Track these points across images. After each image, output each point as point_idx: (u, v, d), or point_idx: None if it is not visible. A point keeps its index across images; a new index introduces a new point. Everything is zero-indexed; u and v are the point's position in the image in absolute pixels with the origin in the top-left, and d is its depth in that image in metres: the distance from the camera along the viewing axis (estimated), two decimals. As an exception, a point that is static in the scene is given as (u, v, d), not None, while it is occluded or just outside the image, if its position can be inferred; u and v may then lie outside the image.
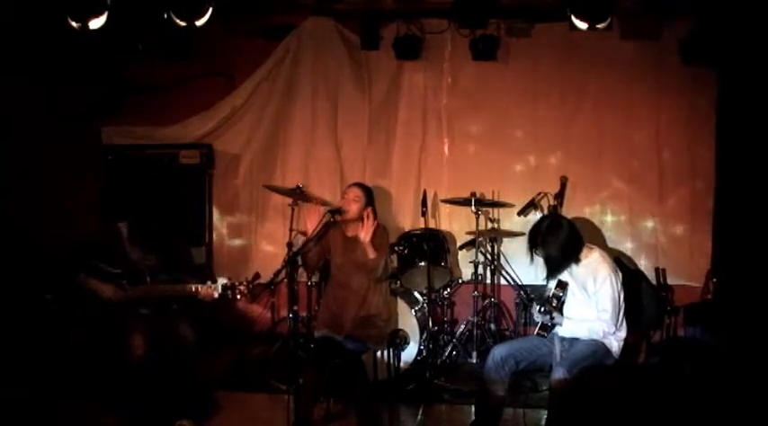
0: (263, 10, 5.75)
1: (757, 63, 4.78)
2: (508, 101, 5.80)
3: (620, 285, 3.80)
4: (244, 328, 5.89)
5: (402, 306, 4.78)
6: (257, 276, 3.98)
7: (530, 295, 5.24)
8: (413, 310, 4.84)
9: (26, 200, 5.25)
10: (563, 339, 3.82)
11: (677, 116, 5.58)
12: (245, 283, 3.94)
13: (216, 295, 3.93)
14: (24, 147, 5.29)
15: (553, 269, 3.84)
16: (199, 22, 4.40)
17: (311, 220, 4.13)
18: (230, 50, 6.02)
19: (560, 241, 3.79)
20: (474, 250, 5.42)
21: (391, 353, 4.31)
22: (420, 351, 4.81)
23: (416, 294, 5.07)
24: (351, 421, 4.14)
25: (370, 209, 4.17)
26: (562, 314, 3.80)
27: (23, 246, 4.95)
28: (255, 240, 6.12)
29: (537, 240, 3.84)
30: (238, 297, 3.96)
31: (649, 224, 5.66)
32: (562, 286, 3.79)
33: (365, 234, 4.05)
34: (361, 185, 4.37)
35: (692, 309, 5.02)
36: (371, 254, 4.08)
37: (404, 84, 5.90)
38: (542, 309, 3.74)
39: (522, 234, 5.56)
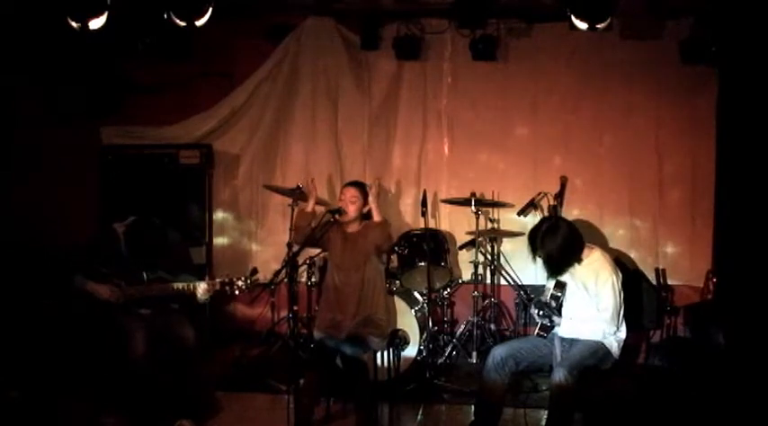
0: (263, 10, 5.75)
1: (757, 63, 4.79)
2: (508, 101, 5.79)
3: (620, 286, 3.81)
4: (244, 328, 5.89)
5: (402, 305, 4.77)
6: (255, 271, 3.98)
7: (530, 295, 5.24)
8: (413, 310, 4.84)
9: (26, 201, 5.25)
10: (563, 339, 3.82)
11: (677, 116, 5.57)
12: (242, 278, 3.94)
13: (201, 296, 3.94)
14: (24, 147, 5.30)
15: (554, 270, 3.84)
16: (199, 22, 4.39)
17: None
18: (230, 50, 6.01)
19: (559, 243, 3.78)
20: (474, 250, 5.42)
21: (391, 353, 4.31)
22: (420, 351, 4.81)
23: (416, 294, 5.07)
24: (351, 421, 4.13)
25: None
26: (561, 314, 3.81)
27: (23, 247, 4.95)
28: (255, 240, 6.12)
29: (536, 242, 3.84)
30: (237, 292, 3.97)
31: (649, 224, 5.65)
32: (560, 286, 3.80)
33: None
34: (357, 184, 4.36)
35: (692, 309, 5.02)
36: (377, 217, 4.17)
37: (404, 84, 5.89)
38: (540, 313, 3.76)
39: (522, 234, 5.57)
